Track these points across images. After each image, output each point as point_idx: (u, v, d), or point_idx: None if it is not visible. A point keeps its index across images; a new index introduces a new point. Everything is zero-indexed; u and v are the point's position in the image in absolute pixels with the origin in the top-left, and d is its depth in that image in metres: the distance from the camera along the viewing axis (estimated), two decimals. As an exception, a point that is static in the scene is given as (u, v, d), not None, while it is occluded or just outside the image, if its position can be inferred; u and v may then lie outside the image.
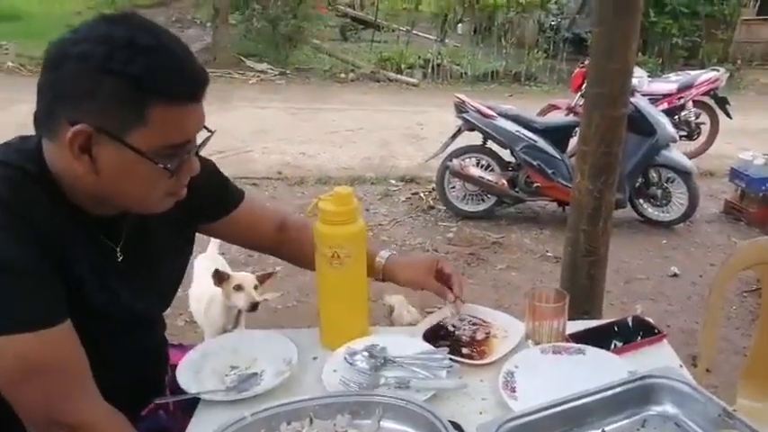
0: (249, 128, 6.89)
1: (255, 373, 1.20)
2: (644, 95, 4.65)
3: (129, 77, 0.85)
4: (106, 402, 0.97)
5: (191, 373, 1.18)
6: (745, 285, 3.39)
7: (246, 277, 2.25)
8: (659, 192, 4.44)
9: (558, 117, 5.27)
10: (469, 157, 4.52)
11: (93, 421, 0.94)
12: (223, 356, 1.25)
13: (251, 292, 2.19)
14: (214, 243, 2.62)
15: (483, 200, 4.59)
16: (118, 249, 1.03)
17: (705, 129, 6.05)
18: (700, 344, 1.78)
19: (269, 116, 7.51)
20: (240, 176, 5.36)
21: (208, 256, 2.76)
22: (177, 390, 1.16)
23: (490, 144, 4.54)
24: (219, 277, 2.22)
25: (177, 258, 1.20)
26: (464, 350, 1.25)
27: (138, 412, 1.16)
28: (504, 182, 4.43)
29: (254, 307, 2.19)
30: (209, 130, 1.01)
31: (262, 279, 2.30)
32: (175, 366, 1.22)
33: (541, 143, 4.36)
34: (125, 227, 1.04)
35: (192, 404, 1.15)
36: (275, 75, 9.86)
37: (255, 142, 6.41)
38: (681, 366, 1.19)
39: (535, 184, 4.43)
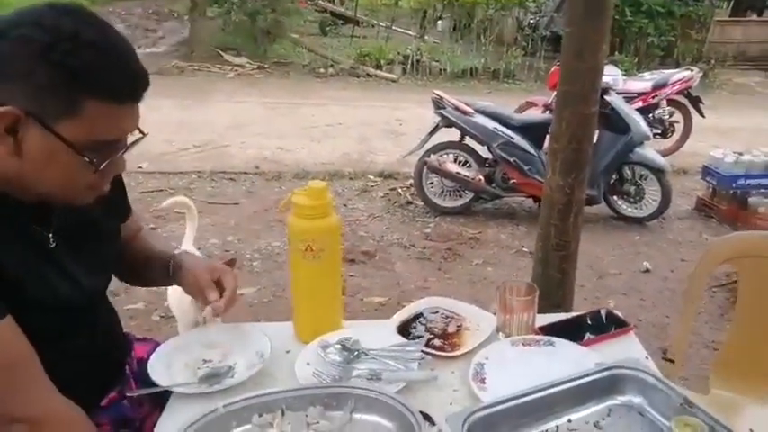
0: (226, 122, 6.84)
1: (228, 366, 1.20)
2: (619, 94, 4.71)
3: (67, 69, 0.85)
4: (61, 395, 0.96)
5: (162, 367, 1.17)
6: (715, 281, 3.47)
7: None
8: (633, 189, 4.51)
9: (534, 114, 5.33)
10: (447, 154, 4.54)
11: (49, 414, 0.93)
12: (196, 350, 1.25)
13: None
14: (188, 238, 2.60)
15: (460, 196, 4.62)
16: (50, 235, 1.02)
17: (678, 127, 6.16)
18: (674, 337, 1.82)
19: (247, 111, 7.45)
20: (217, 171, 5.34)
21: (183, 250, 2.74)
22: (143, 381, 1.15)
23: (468, 140, 4.57)
24: None
25: (109, 242, 1.18)
26: (436, 342, 1.27)
27: (99, 401, 1.16)
28: (481, 178, 4.47)
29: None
30: (142, 132, 1.00)
31: None
32: (141, 359, 1.22)
33: (518, 140, 4.40)
34: (55, 212, 1.03)
35: (159, 394, 1.15)
36: (253, 69, 9.79)
37: (233, 137, 6.36)
38: (647, 358, 1.22)
39: (511, 181, 4.47)
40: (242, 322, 1.38)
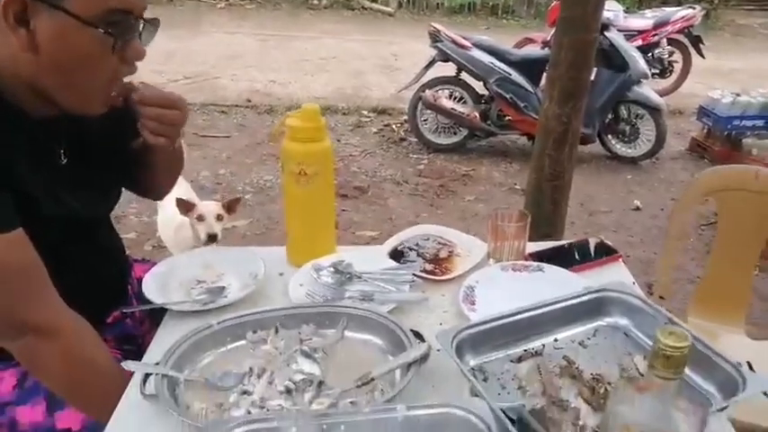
0: (217, 54, 6.68)
1: (222, 287, 1.21)
2: (619, 31, 4.61)
3: None
4: (69, 308, 0.98)
5: (157, 285, 1.19)
6: (703, 219, 3.51)
7: (209, 207, 2.23)
8: (628, 128, 4.49)
9: (532, 50, 5.22)
10: (442, 89, 4.48)
11: (58, 323, 0.95)
12: (190, 271, 1.26)
13: (211, 222, 2.19)
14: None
15: (455, 133, 4.58)
16: (61, 151, 1.01)
17: (677, 67, 6.07)
18: (658, 270, 1.86)
19: (238, 42, 7.27)
20: (208, 103, 5.26)
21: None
22: (143, 301, 1.17)
23: (464, 76, 4.49)
24: (184, 206, 2.20)
25: (117, 161, 1.17)
26: (427, 267, 1.29)
27: (103, 319, 1.18)
28: (477, 114, 4.42)
29: (211, 238, 2.20)
30: (148, 20, 0.97)
31: (229, 206, 2.28)
32: (140, 279, 1.23)
33: (515, 76, 4.34)
34: (65, 128, 1.02)
35: (158, 315, 1.16)
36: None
37: (224, 69, 6.23)
38: (634, 284, 1.24)
39: (507, 118, 4.43)
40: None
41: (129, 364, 0.95)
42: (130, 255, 1.37)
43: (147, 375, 0.93)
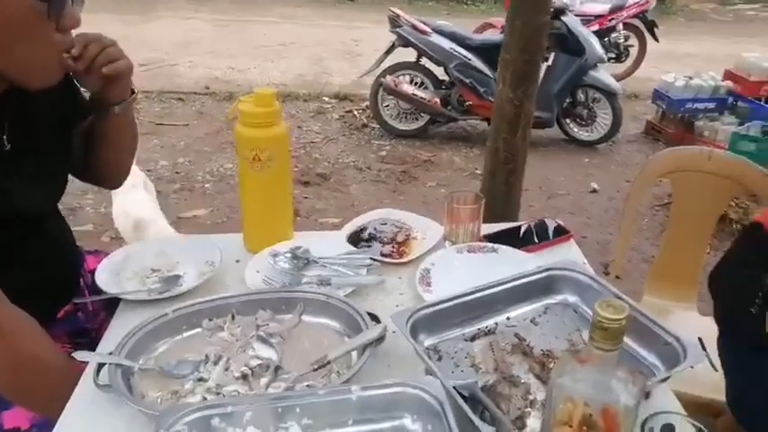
0: (173, 39, 6.53)
1: (177, 275, 1.20)
2: (576, 16, 4.68)
3: None
4: (14, 305, 0.95)
5: (110, 275, 1.17)
6: (657, 200, 3.61)
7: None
8: (585, 112, 4.57)
9: (492, 35, 5.25)
10: (403, 75, 4.48)
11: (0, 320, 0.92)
12: (145, 260, 1.24)
13: None
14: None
15: (416, 118, 4.60)
16: (4, 137, 0.98)
17: (633, 51, 6.20)
18: (614, 250, 1.92)
19: (195, 28, 7.12)
20: (165, 91, 5.14)
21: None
22: (97, 292, 1.15)
23: (424, 61, 4.50)
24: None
25: (65, 146, 1.14)
26: (384, 250, 1.30)
27: (54, 313, 1.15)
28: (437, 100, 4.44)
29: None
30: None
31: None
32: (93, 271, 1.21)
33: (475, 61, 4.36)
34: (8, 113, 0.99)
35: (112, 306, 1.15)
36: (202, -17, 9.26)
37: (181, 55, 6.10)
38: (584, 263, 1.28)
39: (467, 103, 4.46)
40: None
41: (81, 354, 0.94)
42: (82, 246, 1.34)
43: (100, 366, 0.92)
